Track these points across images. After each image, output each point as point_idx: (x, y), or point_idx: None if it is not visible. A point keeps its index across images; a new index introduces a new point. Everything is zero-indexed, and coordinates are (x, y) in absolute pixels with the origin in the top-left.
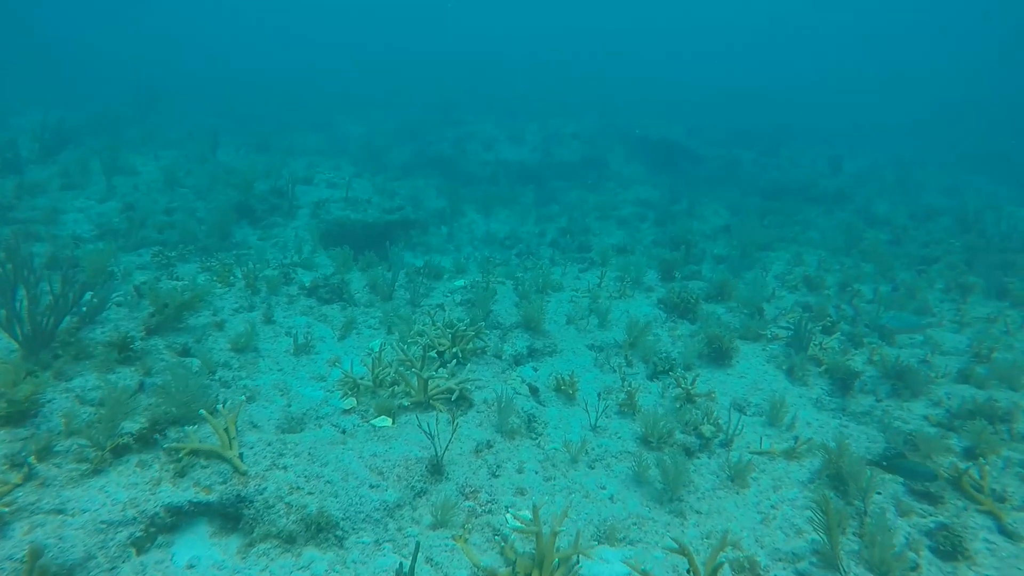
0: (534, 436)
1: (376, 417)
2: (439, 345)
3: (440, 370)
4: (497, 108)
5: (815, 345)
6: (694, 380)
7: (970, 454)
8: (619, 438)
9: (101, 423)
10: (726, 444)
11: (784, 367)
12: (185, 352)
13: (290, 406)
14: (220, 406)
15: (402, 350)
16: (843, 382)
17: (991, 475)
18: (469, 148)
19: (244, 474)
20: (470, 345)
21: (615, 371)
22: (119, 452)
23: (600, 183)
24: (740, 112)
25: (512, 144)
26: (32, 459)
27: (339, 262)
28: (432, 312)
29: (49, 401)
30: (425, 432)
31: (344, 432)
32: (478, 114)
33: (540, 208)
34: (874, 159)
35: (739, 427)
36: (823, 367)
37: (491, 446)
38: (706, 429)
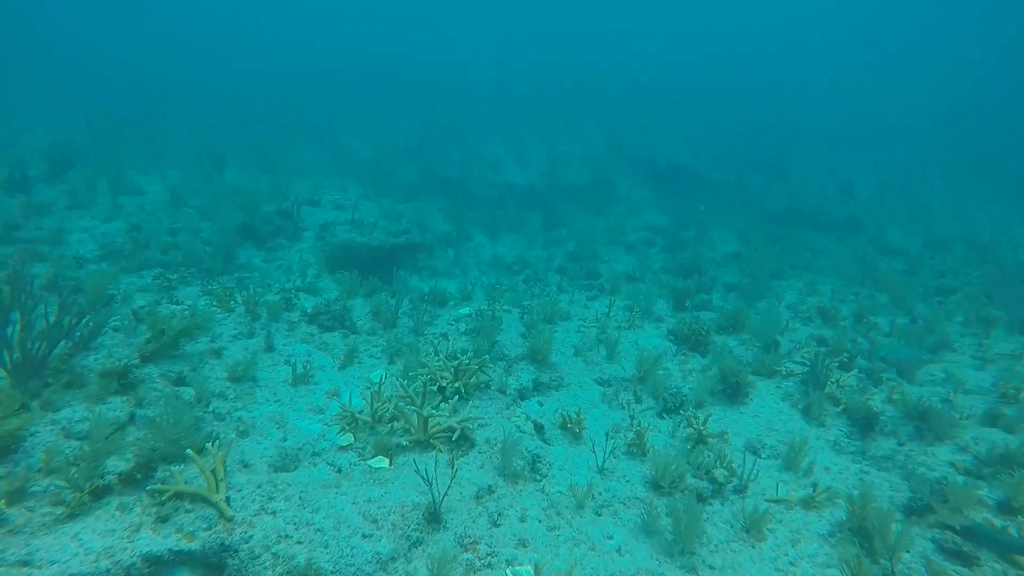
0: (538, 478)
1: (373, 457)
2: (441, 379)
3: (442, 405)
4: (504, 125)
5: (832, 382)
6: (706, 420)
7: (1005, 508)
8: (627, 482)
9: (83, 461)
10: (740, 490)
11: (800, 406)
12: (180, 381)
13: (285, 440)
14: (209, 444)
15: (401, 385)
16: (863, 423)
17: None
18: (476, 170)
19: (230, 520)
20: (473, 379)
21: (624, 407)
22: (99, 494)
23: (608, 207)
24: (747, 123)
25: (519, 166)
26: (2, 503)
27: (343, 287)
28: (436, 342)
29: (32, 435)
30: (422, 478)
31: (340, 471)
32: (485, 132)
33: (548, 232)
34: (882, 178)
35: (754, 471)
36: (841, 406)
37: (492, 491)
38: (719, 473)
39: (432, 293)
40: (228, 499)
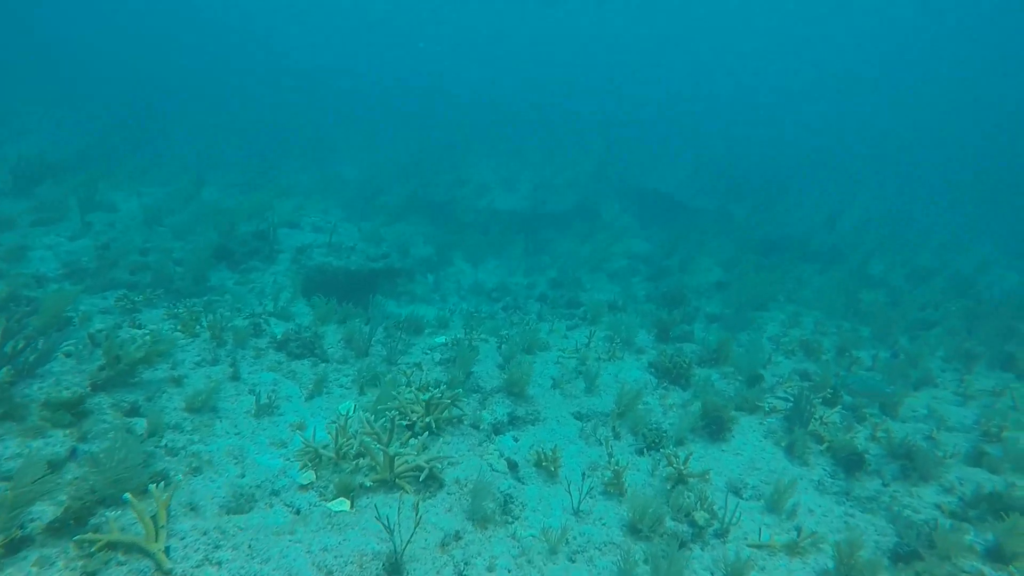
0: (510, 521)
1: (335, 498)
2: (411, 413)
3: (411, 442)
4: (491, 151)
5: (815, 419)
6: (687, 458)
7: (995, 555)
8: (604, 525)
9: (2, 508)
10: (721, 534)
11: (783, 443)
12: (133, 412)
13: (243, 477)
14: (153, 486)
15: (367, 421)
16: (847, 462)
17: None
18: (461, 194)
19: (167, 573)
20: (445, 414)
21: (601, 444)
22: (16, 547)
23: (592, 234)
24: (736, 154)
25: (505, 191)
26: None
27: (318, 312)
28: (409, 372)
29: None
30: (384, 525)
31: (298, 513)
32: (472, 157)
33: (530, 258)
34: (867, 209)
35: (736, 514)
36: (825, 444)
37: (460, 537)
38: (699, 516)
39: (408, 320)
40: (168, 549)
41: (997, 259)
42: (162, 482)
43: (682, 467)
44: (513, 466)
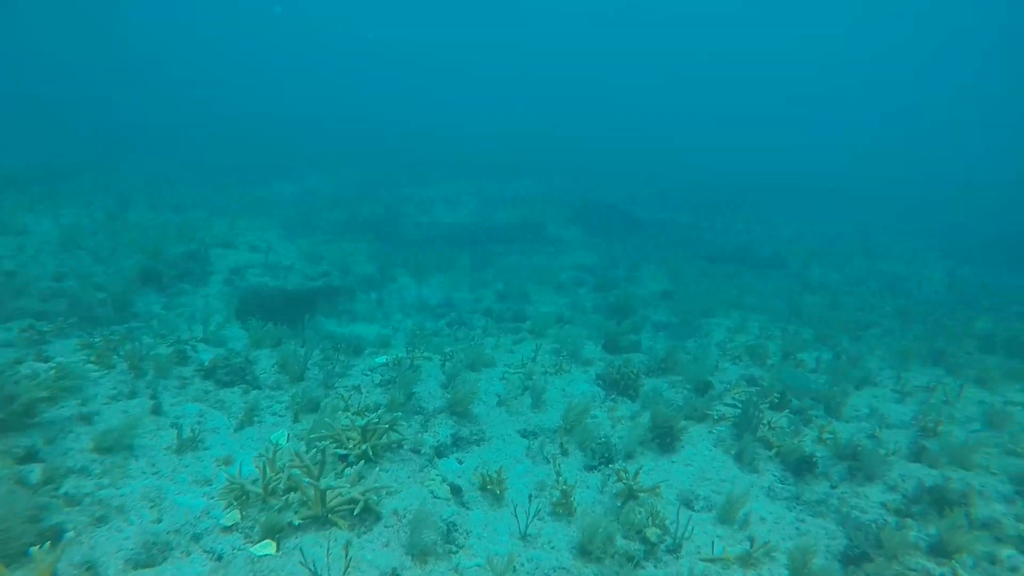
0: (454, 551)
1: (260, 540)
2: (347, 441)
3: (347, 471)
4: (436, 167)
5: (764, 425)
6: (636, 473)
7: (937, 551)
8: (553, 548)
9: None
10: (674, 550)
11: (733, 451)
12: (28, 457)
13: (159, 522)
14: (35, 548)
15: (296, 453)
16: (796, 467)
17: None
18: (405, 210)
19: None
20: (383, 439)
21: (549, 462)
22: None
23: (538, 247)
24: (684, 165)
25: (449, 206)
26: None
27: (253, 336)
28: (347, 396)
29: None
30: (310, 570)
31: (219, 559)
32: (417, 173)
33: (476, 273)
34: (809, 217)
35: (688, 528)
36: (774, 450)
37: (397, 575)
38: (651, 533)
39: (347, 340)
40: None
41: (924, 260)
42: (49, 541)
43: (632, 482)
44: (457, 491)
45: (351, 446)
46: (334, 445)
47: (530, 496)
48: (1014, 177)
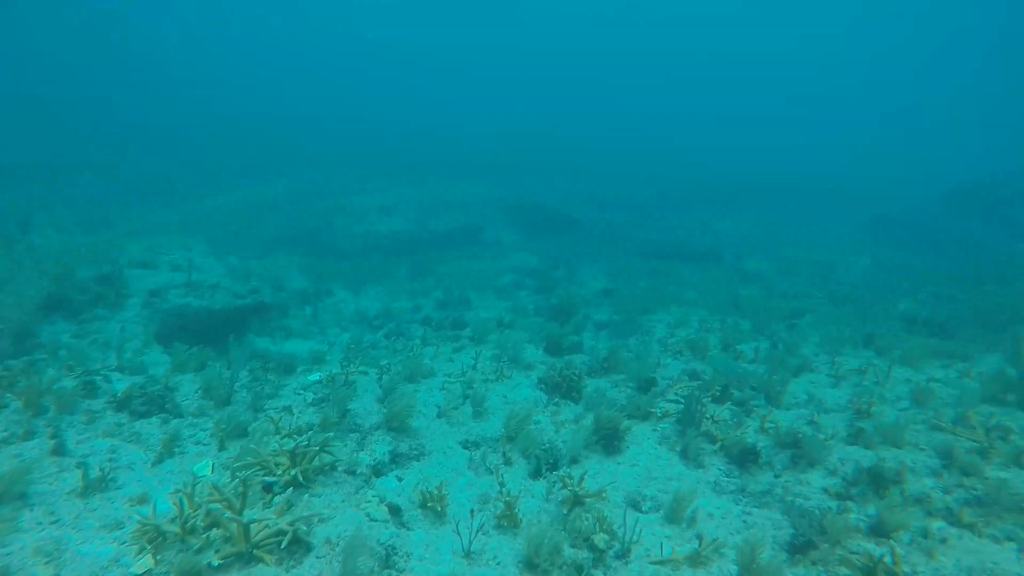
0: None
1: None
2: (275, 467)
3: (275, 500)
4: (373, 174)
5: (707, 419)
6: (582, 478)
7: (876, 531)
8: (498, 564)
9: None
10: (623, 555)
11: (678, 448)
12: None
13: None
14: None
15: (215, 486)
16: (740, 459)
17: (902, 557)
18: (339, 221)
19: None
20: (315, 463)
21: (492, 473)
22: None
23: (478, 252)
24: (633, 167)
25: (385, 215)
26: None
27: (174, 360)
28: (277, 418)
29: None
30: None
31: None
32: (353, 182)
33: (415, 281)
34: (738, 210)
35: (636, 531)
36: (718, 443)
37: None
38: (599, 539)
39: (278, 359)
40: None
41: (849, 248)
42: None
43: (577, 488)
44: (396, 511)
45: (279, 472)
46: (261, 472)
47: (472, 511)
48: (1002, 177)
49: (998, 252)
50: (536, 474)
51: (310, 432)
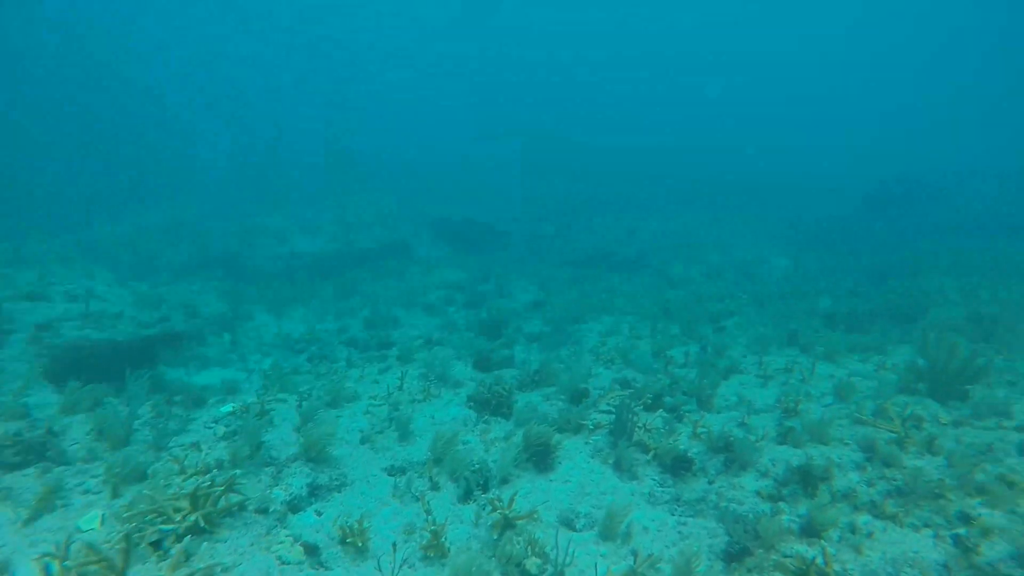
0: None
1: None
2: (173, 513)
3: (172, 551)
4: (294, 192)
5: (639, 428)
6: (512, 499)
7: (808, 532)
8: None
9: None
10: None
11: (611, 461)
12: None
13: None
14: None
15: (88, 546)
16: (673, 467)
17: (833, 556)
18: (260, 242)
19: None
20: (220, 504)
21: (418, 500)
22: None
23: (406, 268)
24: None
25: (307, 235)
26: None
27: (66, 400)
28: (181, 457)
29: None
30: None
31: None
32: (272, 201)
33: (341, 301)
34: (664, 215)
35: (570, 552)
36: (651, 453)
37: None
38: (531, 564)
39: (186, 391)
40: None
41: (772, 250)
42: None
43: (507, 510)
44: (312, 551)
45: (179, 519)
46: (159, 520)
47: (394, 544)
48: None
49: (903, 249)
50: (466, 497)
51: (212, 471)
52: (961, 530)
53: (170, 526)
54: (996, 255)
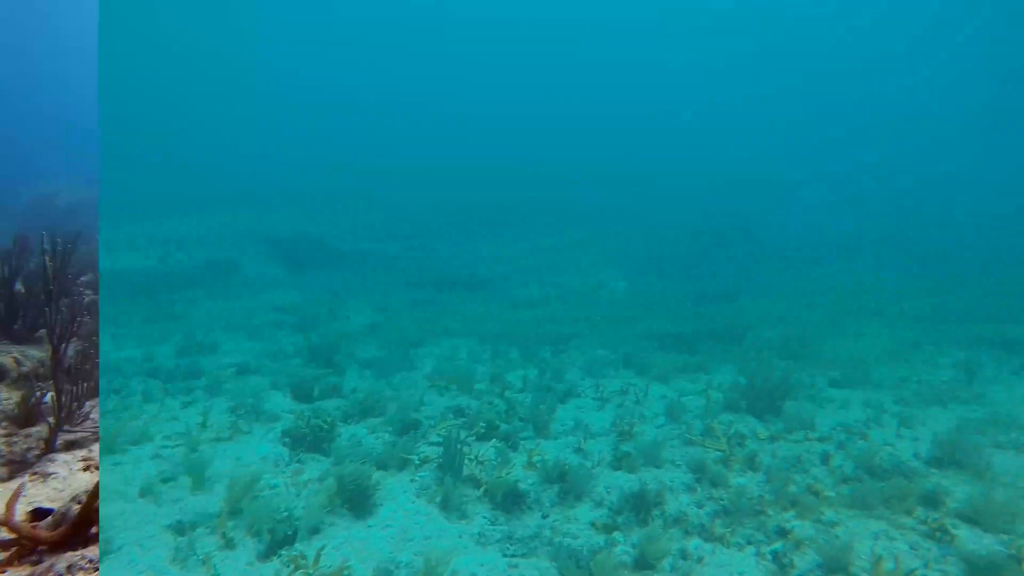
0: None
1: None
2: None
3: None
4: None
5: (471, 460)
6: (318, 553)
7: (641, 564)
8: None
9: None
10: None
11: (438, 499)
12: None
13: None
14: None
15: None
16: (505, 503)
17: None
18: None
19: None
20: None
21: (204, 564)
22: None
23: (233, 289)
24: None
25: (123, 251)
26: None
27: None
28: None
29: None
30: None
31: None
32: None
33: (152, 325)
34: (520, 238)
35: None
36: (482, 488)
37: None
38: None
39: None
40: None
41: (614, 273)
42: None
43: (310, 568)
44: None
45: None
46: None
47: None
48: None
49: (725, 275)
50: (268, 554)
51: None
52: (778, 545)
53: None
54: (823, 279)
